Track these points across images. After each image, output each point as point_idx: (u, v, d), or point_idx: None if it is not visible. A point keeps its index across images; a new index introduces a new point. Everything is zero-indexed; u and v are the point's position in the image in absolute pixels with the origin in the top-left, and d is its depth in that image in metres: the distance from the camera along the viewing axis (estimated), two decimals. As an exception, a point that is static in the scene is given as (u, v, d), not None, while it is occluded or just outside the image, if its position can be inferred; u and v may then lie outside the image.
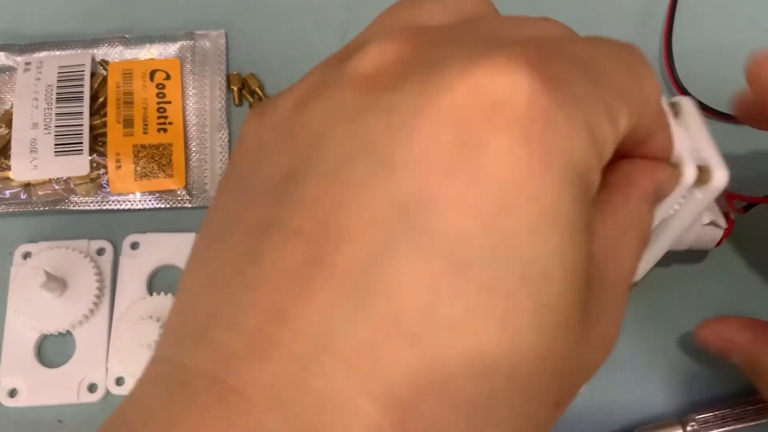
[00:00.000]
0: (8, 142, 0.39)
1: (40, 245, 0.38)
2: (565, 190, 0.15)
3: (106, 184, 0.39)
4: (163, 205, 0.39)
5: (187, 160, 0.40)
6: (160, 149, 0.40)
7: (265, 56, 0.44)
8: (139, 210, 0.39)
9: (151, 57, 0.43)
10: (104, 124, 0.40)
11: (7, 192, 0.39)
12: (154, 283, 0.38)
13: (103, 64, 0.42)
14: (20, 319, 0.36)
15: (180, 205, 0.40)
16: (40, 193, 0.39)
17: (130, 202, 0.39)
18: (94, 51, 0.43)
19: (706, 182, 0.27)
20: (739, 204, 0.35)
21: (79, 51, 0.43)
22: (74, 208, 0.39)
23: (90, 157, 0.39)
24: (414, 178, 0.15)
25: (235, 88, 0.42)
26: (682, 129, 0.30)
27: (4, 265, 0.38)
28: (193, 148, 0.41)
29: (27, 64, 0.41)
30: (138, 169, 0.39)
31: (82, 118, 0.39)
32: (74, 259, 0.37)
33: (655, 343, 0.37)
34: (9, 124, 0.39)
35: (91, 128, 0.39)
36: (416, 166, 0.15)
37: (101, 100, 0.41)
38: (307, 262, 0.15)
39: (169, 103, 0.41)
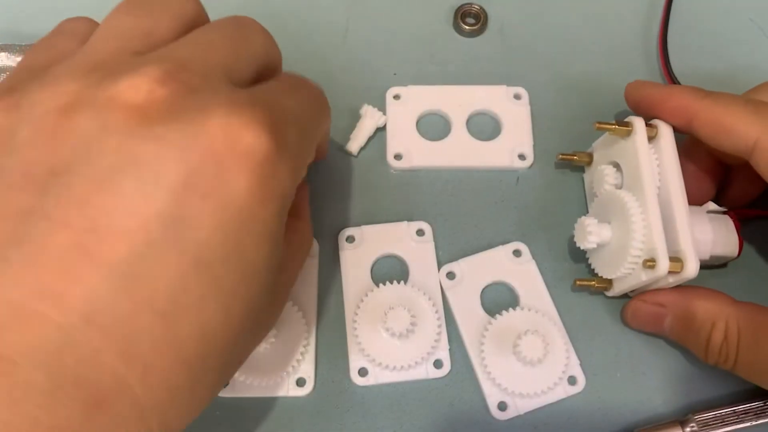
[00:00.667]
0: (8, 142, 0.39)
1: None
2: (278, 215, 0.23)
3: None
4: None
5: (188, 160, 0.40)
6: (161, 149, 0.40)
7: (265, 56, 0.44)
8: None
9: (152, 57, 0.43)
10: (104, 124, 0.40)
11: (8, 192, 0.39)
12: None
13: (104, 64, 0.42)
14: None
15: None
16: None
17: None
18: (95, 51, 0.43)
19: (679, 271, 0.31)
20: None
21: (80, 51, 0.43)
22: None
23: (90, 157, 0.39)
24: (176, 197, 0.20)
25: (235, 89, 0.42)
26: (654, 155, 0.33)
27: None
28: (194, 148, 0.41)
29: (27, 64, 0.41)
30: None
31: (82, 118, 0.39)
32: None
33: (655, 343, 0.37)
34: (9, 124, 0.39)
35: (92, 128, 0.39)
36: (179, 188, 0.20)
37: (101, 100, 0.41)
38: (72, 251, 0.19)
39: (169, 103, 0.41)
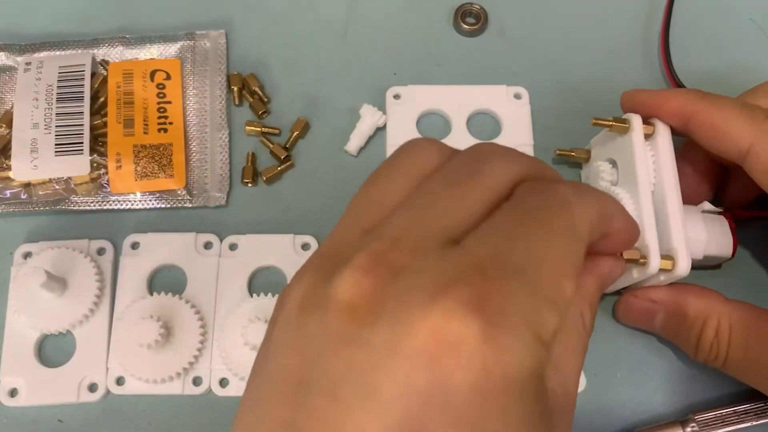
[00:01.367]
0: (8, 142, 0.39)
1: (40, 245, 0.38)
2: (522, 399, 0.20)
3: (107, 184, 0.39)
4: (164, 205, 0.39)
5: (188, 160, 0.40)
6: (161, 149, 0.40)
7: (265, 56, 0.44)
8: (140, 210, 0.39)
9: (152, 57, 0.43)
10: (104, 124, 0.40)
11: (8, 192, 0.39)
12: (155, 283, 0.38)
13: (104, 64, 0.42)
14: (20, 319, 0.36)
15: (180, 205, 0.40)
16: (40, 193, 0.39)
17: (130, 202, 0.39)
18: (95, 51, 0.43)
19: (670, 269, 0.31)
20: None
21: (80, 51, 0.43)
22: (74, 208, 0.39)
23: (90, 157, 0.39)
24: (398, 408, 0.19)
25: (236, 88, 0.42)
26: (651, 153, 0.33)
27: (4, 265, 0.38)
28: (194, 148, 0.41)
29: (27, 64, 0.41)
30: (138, 169, 0.39)
31: (82, 118, 0.39)
32: (74, 259, 0.37)
33: (655, 343, 0.37)
34: (9, 124, 0.39)
35: (92, 128, 0.39)
36: (399, 398, 0.19)
37: (101, 100, 0.41)
38: None
39: (169, 103, 0.41)
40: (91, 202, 0.39)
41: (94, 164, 0.39)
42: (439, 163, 0.24)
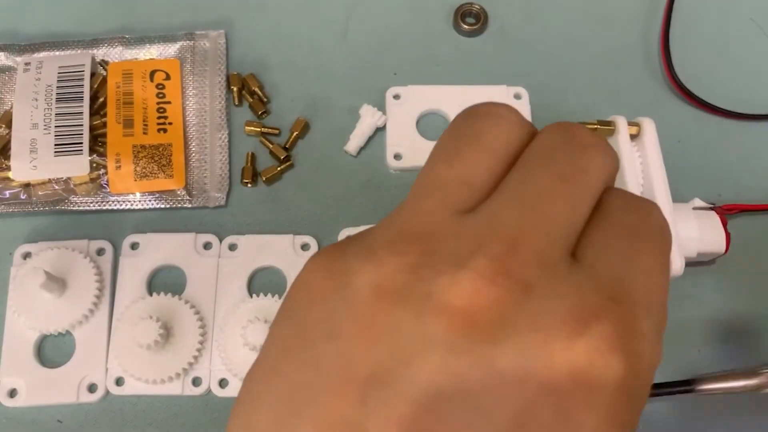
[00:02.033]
0: (8, 142, 0.39)
1: (40, 245, 0.38)
2: None
3: (106, 185, 0.39)
4: (163, 205, 0.39)
5: (187, 160, 0.40)
6: (160, 149, 0.40)
7: (265, 56, 0.44)
8: (139, 210, 0.39)
9: (151, 57, 0.43)
10: (104, 125, 0.40)
11: (7, 192, 0.39)
12: (154, 283, 0.38)
13: (103, 64, 0.42)
14: (20, 319, 0.36)
15: (180, 205, 0.39)
16: (40, 193, 0.39)
17: (130, 202, 0.39)
18: (94, 51, 0.43)
19: None
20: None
21: (79, 51, 0.43)
22: (74, 208, 0.39)
23: (90, 158, 0.39)
24: None
25: (235, 88, 0.42)
26: (638, 153, 0.33)
27: (4, 265, 0.38)
28: (193, 149, 0.41)
29: (27, 64, 0.41)
30: (138, 169, 0.39)
31: (82, 119, 0.39)
32: (74, 259, 0.37)
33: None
34: (9, 124, 0.39)
35: (91, 128, 0.39)
36: (516, 428, 0.17)
37: (101, 100, 0.41)
38: None
39: (169, 103, 0.41)
40: (91, 203, 0.39)
41: (94, 164, 0.39)
42: (525, 137, 0.22)
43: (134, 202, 0.39)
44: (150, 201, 0.39)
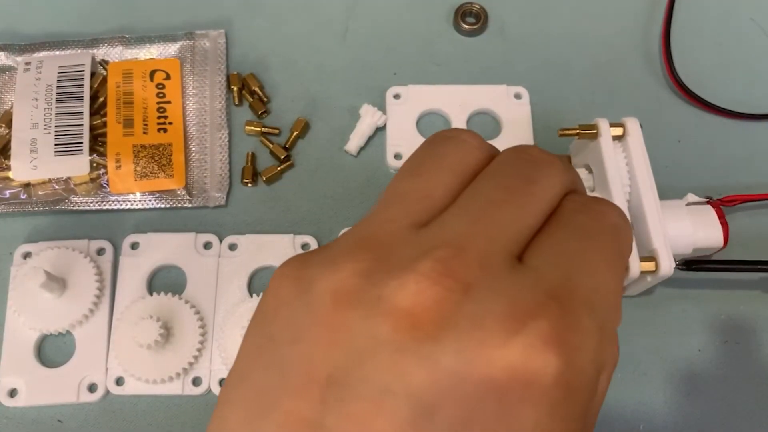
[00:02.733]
0: (8, 142, 0.39)
1: (40, 245, 0.38)
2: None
3: (106, 184, 0.39)
4: (163, 205, 0.39)
5: (187, 160, 0.40)
6: (160, 149, 0.40)
7: (265, 56, 0.44)
8: (139, 210, 0.39)
9: (151, 57, 0.43)
10: (104, 124, 0.40)
11: (7, 192, 0.39)
12: (154, 283, 0.38)
13: (103, 64, 0.42)
14: (20, 319, 0.36)
15: (180, 205, 0.39)
16: (40, 193, 0.39)
17: (130, 202, 0.39)
18: (94, 51, 0.43)
19: (653, 270, 0.31)
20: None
21: (79, 51, 0.43)
22: (74, 208, 0.39)
23: (90, 157, 0.39)
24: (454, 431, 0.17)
25: (235, 88, 0.42)
26: (623, 154, 0.33)
27: (4, 265, 0.38)
28: (193, 148, 0.41)
29: (27, 64, 0.41)
30: (138, 169, 0.39)
31: (82, 118, 0.39)
32: (74, 259, 0.37)
33: (655, 343, 0.37)
34: (9, 124, 0.39)
35: (91, 128, 0.39)
36: (459, 424, 0.18)
37: (101, 100, 0.41)
38: None
39: (169, 103, 0.41)
40: (91, 202, 0.39)
41: (94, 164, 0.39)
42: (483, 160, 0.23)
43: (134, 201, 0.39)
44: (150, 201, 0.39)
